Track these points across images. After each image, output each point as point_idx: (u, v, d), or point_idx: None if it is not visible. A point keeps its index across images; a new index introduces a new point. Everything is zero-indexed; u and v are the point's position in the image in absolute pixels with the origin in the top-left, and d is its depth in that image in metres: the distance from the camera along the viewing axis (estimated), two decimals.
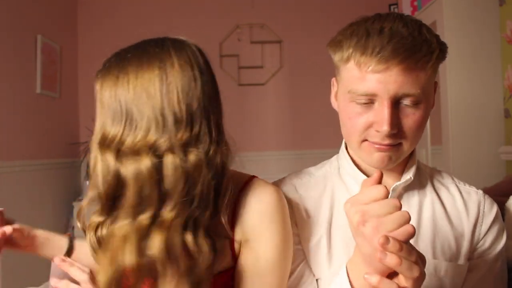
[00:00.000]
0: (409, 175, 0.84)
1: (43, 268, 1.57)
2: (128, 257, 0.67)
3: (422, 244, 0.83)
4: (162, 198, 0.68)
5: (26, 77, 2.65)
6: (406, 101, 0.76)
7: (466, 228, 0.85)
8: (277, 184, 0.93)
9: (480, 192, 0.90)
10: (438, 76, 2.11)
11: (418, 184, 0.88)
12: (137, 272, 0.68)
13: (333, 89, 0.88)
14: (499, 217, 0.89)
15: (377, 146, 0.78)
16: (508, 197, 1.10)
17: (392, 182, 0.85)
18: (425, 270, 0.80)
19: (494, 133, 2.04)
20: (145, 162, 0.67)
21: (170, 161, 0.68)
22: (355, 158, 0.88)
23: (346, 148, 0.90)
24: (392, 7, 3.03)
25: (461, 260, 0.84)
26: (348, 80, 0.79)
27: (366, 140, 0.79)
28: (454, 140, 2.03)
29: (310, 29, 3.37)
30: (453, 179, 0.92)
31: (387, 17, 0.80)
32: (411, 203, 0.86)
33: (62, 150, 3.05)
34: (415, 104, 0.76)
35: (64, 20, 3.23)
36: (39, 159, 2.76)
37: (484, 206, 0.87)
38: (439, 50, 0.77)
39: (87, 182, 2.98)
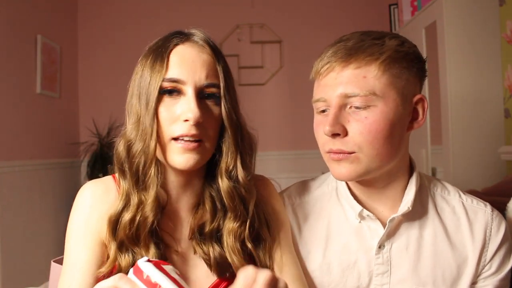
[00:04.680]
0: (407, 206, 0.81)
1: (43, 268, 1.57)
2: None
3: (422, 273, 0.81)
4: None
5: (26, 77, 2.65)
6: (356, 103, 0.74)
7: (471, 253, 0.82)
8: None
9: (488, 210, 0.84)
10: (437, 79, 2.11)
11: (419, 208, 0.84)
12: None
13: None
14: (508, 238, 0.84)
15: (332, 155, 0.77)
16: (508, 197, 1.10)
17: (390, 209, 0.83)
18: None
19: (494, 133, 2.04)
20: None
21: None
22: (349, 182, 0.87)
23: None
24: (392, 7, 3.03)
25: (463, 287, 0.81)
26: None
27: (326, 152, 0.79)
28: (454, 140, 2.03)
29: (310, 29, 3.36)
30: (460, 195, 0.87)
31: (362, 31, 0.81)
32: (410, 233, 0.83)
33: (62, 150, 3.05)
34: (366, 106, 0.74)
35: (64, 20, 3.23)
36: (39, 159, 2.76)
37: (491, 228, 0.82)
38: (393, 52, 0.74)
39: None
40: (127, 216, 0.73)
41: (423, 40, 2.35)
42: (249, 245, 0.77)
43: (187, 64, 0.74)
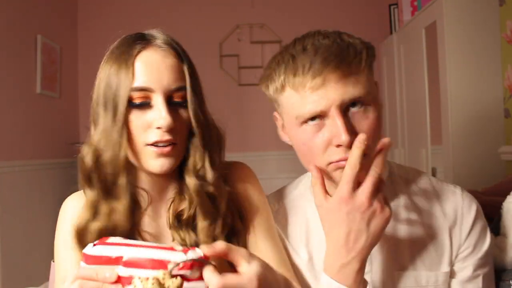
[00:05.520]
0: None
1: (43, 268, 1.57)
2: None
3: (400, 256, 0.82)
4: None
5: (26, 77, 2.65)
6: (355, 107, 0.74)
7: (445, 233, 0.83)
8: None
9: (458, 191, 0.86)
10: (437, 79, 2.12)
11: (392, 194, 0.85)
12: None
13: (278, 123, 0.87)
14: (480, 216, 0.85)
15: (343, 162, 0.73)
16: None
17: None
18: (406, 282, 0.81)
19: (494, 133, 2.04)
20: None
21: None
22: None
23: None
24: (392, 7, 3.03)
25: (443, 268, 0.82)
26: (291, 107, 0.77)
27: (331, 163, 0.76)
28: (454, 140, 2.03)
29: (310, 29, 3.34)
30: (430, 179, 0.89)
31: (306, 36, 0.81)
32: None
33: (62, 150, 3.05)
34: (365, 107, 0.75)
35: (64, 20, 3.23)
36: (39, 159, 2.76)
37: (462, 207, 0.84)
38: (366, 49, 0.76)
39: None
40: (95, 225, 0.73)
41: (423, 40, 2.35)
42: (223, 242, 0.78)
43: (153, 70, 0.73)
